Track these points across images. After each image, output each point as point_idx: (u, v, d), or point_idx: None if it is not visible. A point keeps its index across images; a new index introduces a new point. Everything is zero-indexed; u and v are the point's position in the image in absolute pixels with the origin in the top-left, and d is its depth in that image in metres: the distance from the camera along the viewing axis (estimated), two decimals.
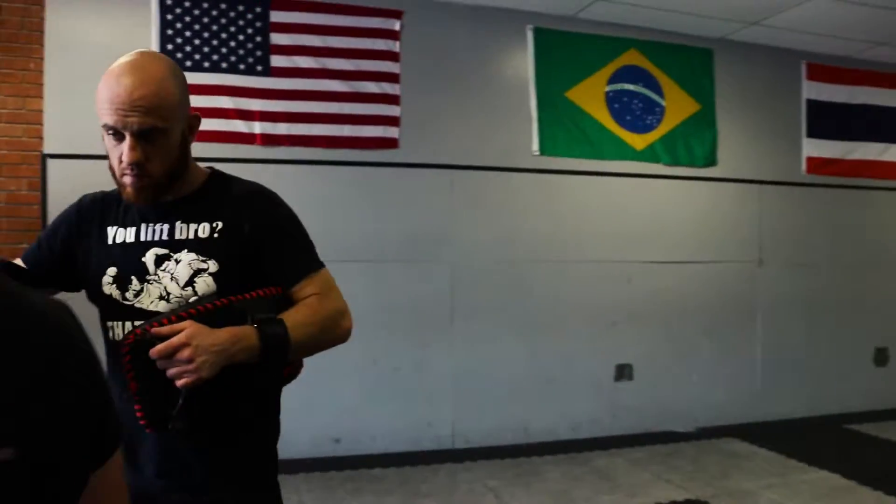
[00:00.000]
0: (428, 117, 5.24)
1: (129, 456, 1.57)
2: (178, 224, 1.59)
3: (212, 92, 4.96)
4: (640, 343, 5.63)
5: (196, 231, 1.58)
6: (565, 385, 5.42)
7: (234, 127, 5.00)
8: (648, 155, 5.67)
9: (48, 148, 4.62)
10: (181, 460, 1.56)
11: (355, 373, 5.07)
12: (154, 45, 4.85)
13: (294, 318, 1.54)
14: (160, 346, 1.39)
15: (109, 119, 1.46)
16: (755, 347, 6.02)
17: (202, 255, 1.56)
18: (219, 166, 4.75)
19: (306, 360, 4.70)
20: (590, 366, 5.51)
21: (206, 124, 4.85)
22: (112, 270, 1.58)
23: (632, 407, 5.57)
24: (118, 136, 1.47)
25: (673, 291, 5.73)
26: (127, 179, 1.51)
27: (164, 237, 1.58)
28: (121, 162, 1.49)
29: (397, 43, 5.20)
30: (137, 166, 1.48)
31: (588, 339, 5.50)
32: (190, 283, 1.54)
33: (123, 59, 1.49)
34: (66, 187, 4.51)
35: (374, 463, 4.84)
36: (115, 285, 1.57)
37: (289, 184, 4.93)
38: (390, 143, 5.20)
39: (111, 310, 1.56)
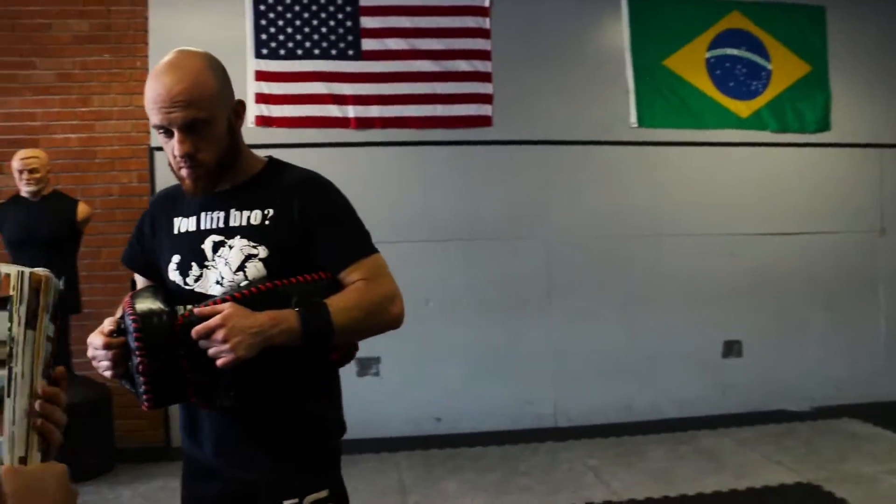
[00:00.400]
0: (521, 93, 5.24)
1: (190, 431, 1.70)
2: (232, 211, 1.66)
3: (306, 78, 5.13)
4: (748, 318, 5.49)
5: (248, 218, 1.65)
6: (669, 362, 5.36)
7: (328, 112, 5.16)
8: (754, 122, 5.49)
9: (155, 142, 4.88)
10: (236, 441, 1.65)
11: (454, 352, 5.17)
12: (248, 36, 5.06)
13: (338, 303, 1.57)
14: (198, 327, 1.46)
15: (156, 118, 1.56)
16: (878, 321, 5.76)
17: (253, 241, 1.62)
18: (314, 151, 4.98)
19: (405, 341, 4.83)
20: (695, 342, 5.42)
21: (301, 110, 5.08)
22: (176, 258, 1.68)
23: (741, 385, 5.45)
24: (167, 132, 1.56)
25: (782, 264, 5.55)
26: (184, 172, 1.60)
27: (221, 224, 1.66)
28: (175, 157, 1.58)
29: (487, 20, 5.21)
30: (189, 158, 1.57)
31: (692, 315, 5.41)
32: (241, 268, 1.61)
33: (163, 61, 1.58)
34: (172, 178, 4.75)
35: (475, 441, 4.93)
36: (178, 272, 1.67)
37: (383, 165, 5.13)
38: (483, 121, 5.24)
39: (177, 296, 1.64)
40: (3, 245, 4.60)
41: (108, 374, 1.57)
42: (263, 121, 5.10)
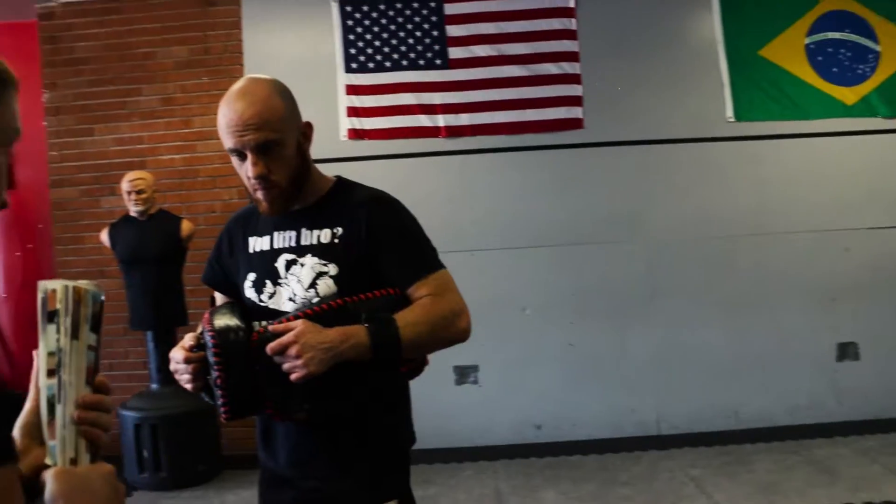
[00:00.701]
0: (611, 94, 5.18)
1: (266, 442, 1.79)
2: (303, 230, 1.74)
3: (395, 90, 5.23)
4: (864, 319, 5.21)
5: (319, 237, 1.73)
6: (779, 366, 5.15)
7: (418, 122, 5.24)
8: (862, 109, 5.22)
9: None
10: (309, 451, 1.73)
11: (554, 358, 5.16)
12: (338, 52, 5.21)
13: (406, 318, 1.63)
14: (272, 344, 1.54)
15: (230, 142, 1.65)
16: None
17: (323, 259, 1.70)
18: (406, 161, 5.09)
19: (503, 349, 4.86)
20: (806, 345, 5.19)
21: (392, 121, 5.19)
22: (251, 276, 1.78)
23: (859, 390, 5.17)
24: (241, 155, 1.65)
25: None
26: (259, 194, 1.69)
27: (293, 243, 1.75)
28: (249, 179, 1.67)
29: (573, 20, 5.19)
30: (263, 178, 1.65)
31: (802, 317, 5.18)
32: (312, 285, 1.69)
33: (233, 87, 1.68)
34: None
35: (575, 450, 4.91)
36: (253, 289, 1.76)
37: (475, 173, 5.17)
38: (574, 124, 5.21)
39: (252, 312, 1.74)
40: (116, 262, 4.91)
41: (188, 386, 1.67)
42: (355, 134, 5.23)
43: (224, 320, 1.65)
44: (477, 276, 5.16)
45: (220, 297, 1.92)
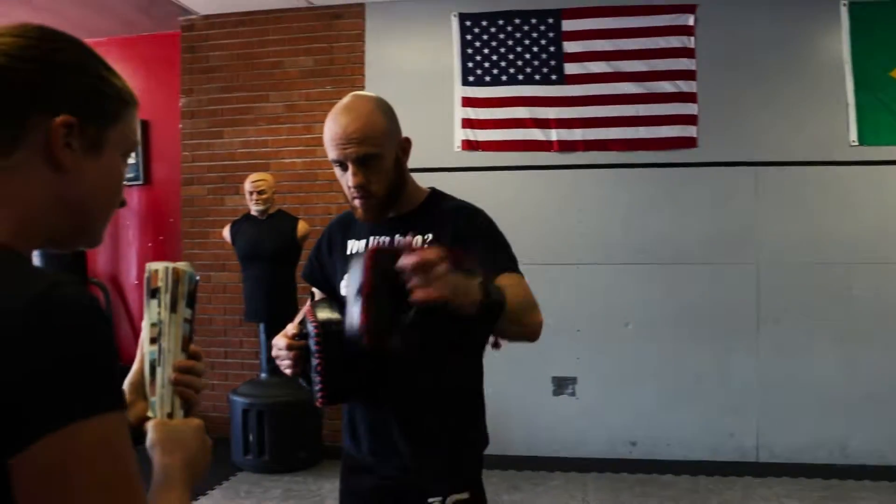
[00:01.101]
0: (728, 113, 5.16)
1: (351, 431, 1.96)
2: (397, 236, 1.86)
3: (510, 104, 5.39)
4: None
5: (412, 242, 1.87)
6: (892, 402, 4.96)
7: (531, 135, 5.38)
8: None
9: None
10: (389, 442, 1.86)
11: (653, 377, 5.18)
12: (456, 65, 5.40)
13: (513, 291, 1.66)
14: (420, 255, 1.43)
15: (333, 154, 1.81)
16: None
17: None
18: (518, 174, 5.25)
19: (603, 363, 4.95)
20: None
21: (505, 134, 5.35)
22: (347, 276, 1.94)
23: None
24: (343, 166, 1.81)
25: None
26: (357, 202, 1.85)
27: None
28: (349, 188, 1.83)
29: (692, 38, 5.20)
30: (362, 188, 1.80)
31: None
32: None
33: (339, 103, 1.85)
34: None
35: (668, 469, 4.91)
36: (348, 289, 1.94)
37: (586, 188, 5.28)
38: (688, 143, 5.22)
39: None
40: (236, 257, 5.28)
41: (288, 371, 1.84)
42: (469, 145, 5.42)
43: (325, 313, 1.81)
44: (581, 290, 5.27)
45: (317, 294, 2.08)
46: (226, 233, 5.28)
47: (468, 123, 5.44)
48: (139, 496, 0.80)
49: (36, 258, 0.98)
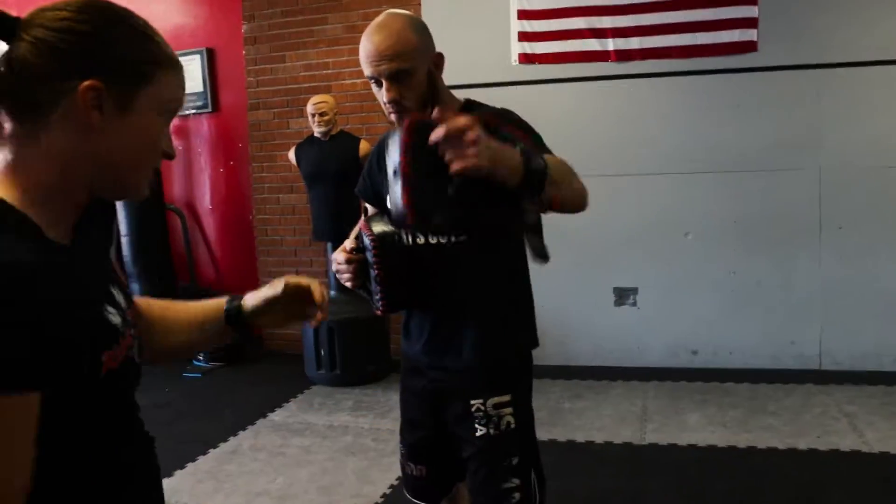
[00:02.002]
0: (789, 15, 5.05)
1: (406, 334, 2.11)
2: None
3: (566, 14, 5.38)
4: None
5: None
6: None
7: (588, 46, 5.37)
8: None
9: None
10: (438, 346, 2.02)
11: (714, 285, 5.24)
12: None
13: (551, 159, 1.68)
14: (450, 126, 1.45)
15: (368, 70, 1.90)
16: None
17: None
18: (576, 85, 5.23)
19: (664, 273, 4.95)
20: None
21: (562, 46, 5.35)
22: (387, 156, 2.06)
23: None
24: (378, 82, 1.89)
25: None
26: (392, 116, 1.96)
27: None
28: (384, 103, 1.95)
29: None
30: (395, 103, 1.88)
31: None
32: None
33: (373, 22, 1.95)
34: None
35: (728, 377, 5.01)
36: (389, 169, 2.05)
37: (644, 98, 5.28)
38: (748, 47, 5.12)
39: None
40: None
41: (348, 284, 2.01)
42: (526, 58, 5.43)
43: (380, 226, 1.95)
44: (641, 200, 5.30)
45: (370, 209, 2.23)
46: (291, 155, 5.45)
47: (524, 36, 5.43)
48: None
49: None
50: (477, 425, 1.98)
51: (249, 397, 5.08)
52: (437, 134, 1.45)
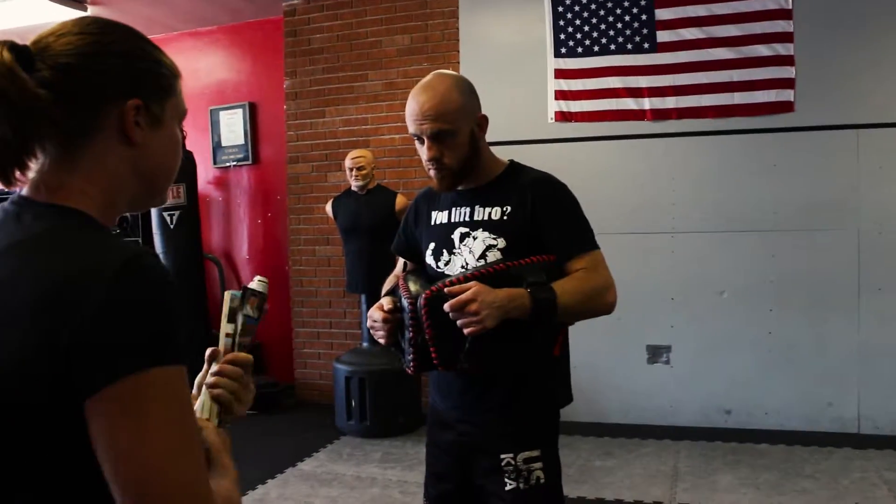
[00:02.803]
0: (828, 75, 5.08)
1: (437, 388, 2.15)
2: (477, 207, 2.03)
3: (602, 74, 5.46)
4: None
5: (490, 213, 2.01)
6: None
7: (624, 105, 5.44)
8: None
9: None
10: (468, 401, 2.06)
11: (750, 345, 5.20)
12: (548, 37, 5.52)
13: (562, 287, 1.87)
14: (454, 301, 1.79)
15: (412, 129, 1.99)
16: None
17: (493, 234, 1.99)
18: (611, 144, 5.28)
19: (698, 331, 4.99)
20: None
21: (598, 104, 5.43)
22: (431, 245, 2.11)
23: None
24: (420, 140, 1.99)
25: None
26: (432, 173, 2.04)
27: (467, 218, 2.04)
28: (425, 161, 2.02)
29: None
30: (436, 161, 1.97)
31: None
32: (482, 256, 1.99)
33: (420, 82, 2.04)
34: None
35: (763, 438, 4.94)
36: (432, 257, 2.10)
37: (679, 156, 5.32)
38: (785, 107, 5.15)
39: (432, 278, 2.06)
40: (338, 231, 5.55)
41: (382, 341, 2.05)
42: (563, 116, 5.51)
43: (417, 286, 1.98)
44: (676, 258, 5.30)
45: (408, 263, 2.28)
46: (328, 208, 5.56)
47: (561, 95, 5.53)
48: (196, 439, 0.93)
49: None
50: (507, 479, 1.99)
51: (279, 446, 5.11)
52: (447, 307, 1.80)
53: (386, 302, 2.00)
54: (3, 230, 0.97)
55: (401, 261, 2.29)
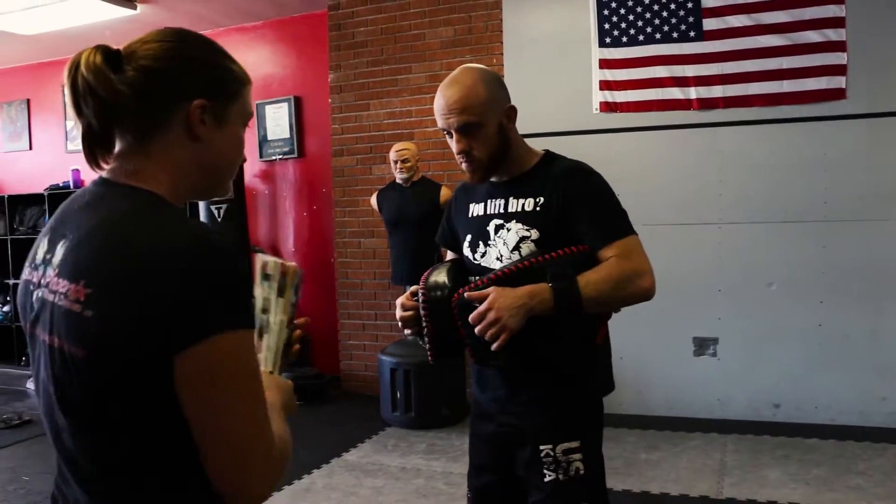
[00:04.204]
0: (882, 61, 4.94)
1: (477, 379, 2.16)
2: (511, 199, 2.03)
3: (647, 63, 5.39)
4: None
5: (523, 205, 2.00)
6: None
7: (670, 94, 5.36)
8: None
9: None
10: (507, 392, 2.06)
11: (799, 337, 5.10)
12: (592, 27, 5.44)
13: (588, 277, 1.86)
14: (472, 316, 1.84)
15: (440, 123, 1.99)
16: None
17: (527, 225, 1.98)
18: (657, 133, 5.24)
19: (746, 324, 4.89)
20: None
21: (644, 94, 5.36)
22: (468, 237, 2.12)
23: None
24: (449, 134, 1.98)
25: None
26: (463, 165, 2.04)
27: (501, 210, 2.04)
28: (456, 154, 2.02)
29: None
30: (465, 154, 1.97)
31: None
32: (516, 247, 1.98)
33: (448, 76, 2.03)
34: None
35: (813, 433, 4.84)
36: (469, 248, 2.11)
37: (727, 146, 5.24)
38: (836, 95, 5.02)
39: (470, 267, 2.10)
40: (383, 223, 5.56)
41: (406, 331, 2.06)
42: (608, 107, 5.44)
43: (435, 277, 1.99)
44: (723, 250, 5.22)
45: (449, 254, 2.29)
46: (373, 200, 5.57)
47: (606, 85, 5.46)
48: (262, 391, 1.07)
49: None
50: (546, 471, 1.98)
51: (325, 437, 5.15)
52: (471, 321, 1.84)
53: (411, 291, 2.03)
54: (94, 208, 1.11)
55: (449, 253, 2.29)
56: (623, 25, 5.42)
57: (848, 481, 4.08)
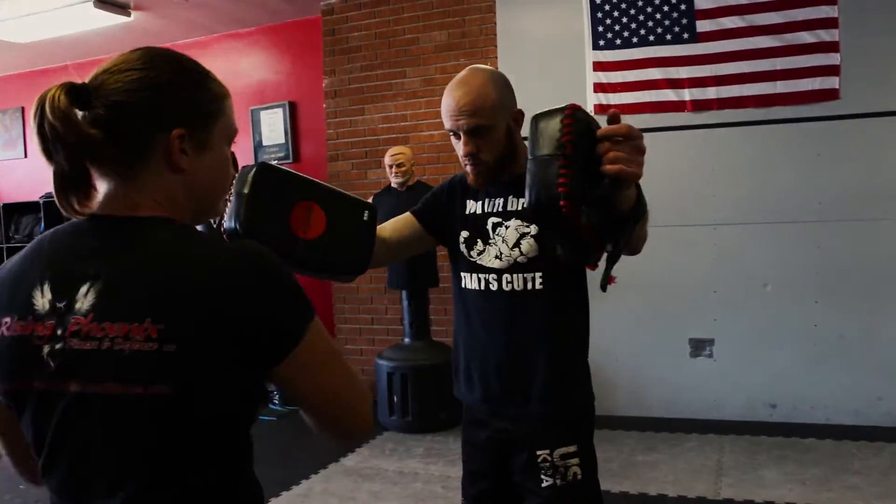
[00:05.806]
0: (874, 61, 4.94)
1: (466, 377, 2.10)
2: (510, 198, 2.02)
3: (641, 65, 5.39)
4: None
5: (522, 203, 1.97)
6: None
7: (663, 96, 5.36)
8: None
9: None
10: (501, 396, 2.02)
11: (795, 337, 5.11)
12: (586, 30, 5.45)
13: None
14: (622, 125, 1.48)
15: (448, 124, 1.97)
16: None
17: (526, 222, 1.98)
18: (651, 136, 5.24)
19: (741, 324, 4.83)
20: None
21: (637, 96, 5.34)
22: (464, 234, 2.09)
23: None
24: (457, 135, 1.97)
25: None
26: (468, 168, 2.02)
27: (500, 209, 2.03)
28: (462, 156, 2.00)
29: None
30: (472, 156, 1.95)
31: None
32: (516, 244, 1.98)
33: (455, 77, 2.01)
34: None
35: (809, 433, 4.84)
36: (465, 245, 2.09)
37: (719, 147, 5.24)
38: (829, 95, 5.03)
39: (462, 264, 2.08)
40: None
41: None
42: (601, 109, 5.45)
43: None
44: (719, 251, 5.23)
45: (390, 226, 2.17)
46: None
47: (600, 87, 5.47)
48: (338, 347, 1.16)
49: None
50: (543, 476, 1.97)
51: (322, 441, 5.05)
52: (611, 129, 1.47)
53: None
54: (120, 243, 1.06)
55: (388, 224, 2.17)
56: (617, 28, 5.42)
57: (845, 481, 4.08)
